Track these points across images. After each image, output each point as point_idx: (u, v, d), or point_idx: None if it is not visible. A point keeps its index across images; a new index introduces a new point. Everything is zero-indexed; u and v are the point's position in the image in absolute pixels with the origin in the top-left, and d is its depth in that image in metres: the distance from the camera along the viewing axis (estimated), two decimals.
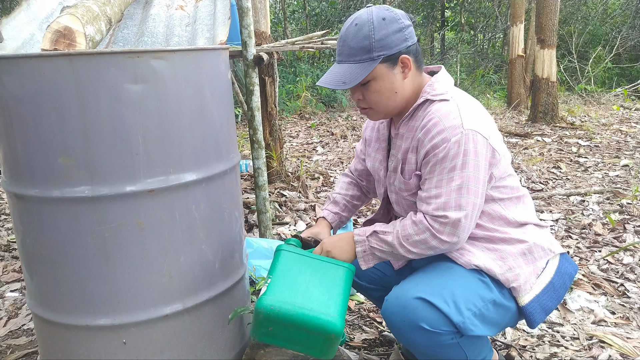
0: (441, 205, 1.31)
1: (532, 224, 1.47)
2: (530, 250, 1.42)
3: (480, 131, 1.32)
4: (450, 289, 1.33)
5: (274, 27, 10.32)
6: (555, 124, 6.50)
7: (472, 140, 1.30)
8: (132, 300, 1.42)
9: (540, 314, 1.41)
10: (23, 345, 2.06)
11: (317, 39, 2.91)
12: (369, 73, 1.33)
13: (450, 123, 1.31)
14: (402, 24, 1.34)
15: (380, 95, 1.38)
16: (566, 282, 1.47)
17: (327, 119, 7.37)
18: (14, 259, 2.87)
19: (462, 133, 1.30)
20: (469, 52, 11.85)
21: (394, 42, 1.33)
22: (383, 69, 1.35)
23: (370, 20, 1.32)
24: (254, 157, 2.59)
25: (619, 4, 12.00)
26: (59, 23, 1.59)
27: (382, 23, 1.32)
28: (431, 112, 1.36)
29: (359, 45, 1.32)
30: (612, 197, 3.65)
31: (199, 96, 1.43)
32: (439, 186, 1.32)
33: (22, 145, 1.33)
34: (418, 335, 1.31)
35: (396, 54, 1.34)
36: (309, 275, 1.40)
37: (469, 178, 1.30)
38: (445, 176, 1.31)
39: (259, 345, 1.71)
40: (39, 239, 1.41)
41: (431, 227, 1.32)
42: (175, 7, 2.56)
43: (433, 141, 1.32)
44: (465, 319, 1.31)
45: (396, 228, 1.38)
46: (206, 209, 1.49)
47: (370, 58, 1.33)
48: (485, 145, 1.32)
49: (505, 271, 1.38)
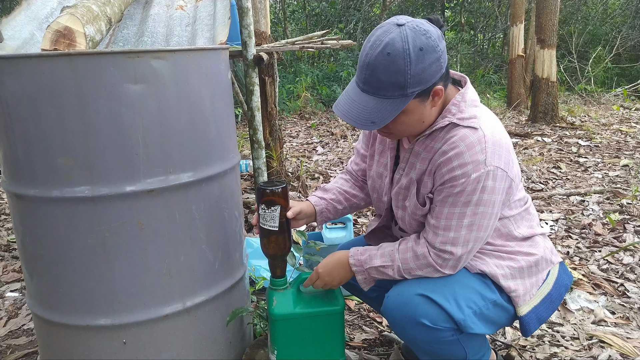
0: (449, 239, 1.29)
1: (538, 234, 1.46)
2: (536, 263, 1.43)
3: (501, 166, 1.25)
4: (451, 287, 1.34)
5: (274, 27, 10.32)
6: (555, 124, 6.50)
7: (492, 177, 1.24)
8: (132, 300, 1.42)
9: (535, 324, 1.42)
10: (23, 345, 2.06)
11: (317, 39, 2.91)
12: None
13: (473, 157, 1.22)
14: (439, 51, 1.17)
15: (406, 126, 1.27)
16: (562, 293, 1.49)
17: (327, 119, 7.37)
18: (14, 259, 2.87)
19: (484, 170, 1.23)
20: (469, 52, 11.84)
21: (430, 75, 1.17)
22: (415, 104, 1.21)
23: (407, 52, 1.13)
24: (254, 157, 2.59)
25: (619, 4, 11.99)
26: (59, 23, 1.59)
27: (419, 55, 1.14)
28: (455, 139, 1.25)
29: (392, 80, 1.15)
30: (612, 197, 3.65)
31: (199, 96, 1.43)
32: (449, 218, 1.28)
33: (22, 145, 1.33)
34: (419, 331, 1.32)
35: (431, 86, 1.20)
36: (308, 334, 1.51)
37: (483, 215, 1.27)
38: (458, 210, 1.27)
39: (259, 345, 1.71)
40: (39, 239, 1.41)
41: (435, 262, 1.32)
42: (175, 7, 2.56)
43: (453, 173, 1.24)
44: (466, 316, 1.31)
45: (396, 263, 1.36)
46: (206, 208, 1.49)
47: (403, 95, 1.17)
48: (504, 179, 1.27)
49: (509, 279, 1.38)
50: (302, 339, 1.51)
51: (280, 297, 1.52)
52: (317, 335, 1.51)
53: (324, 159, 5.10)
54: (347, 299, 2.29)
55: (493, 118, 1.35)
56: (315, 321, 1.50)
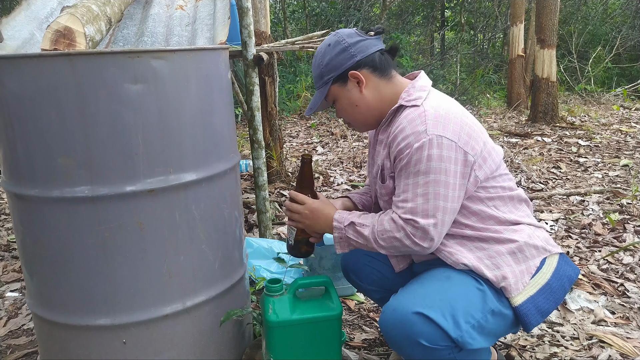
0: (409, 209, 1.32)
1: (526, 223, 1.45)
2: (520, 249, 1.39)
3: (446, 135, 1.31)
4: (448, 301, 1.31)
5: (274, 27, 10.32)
6: (555, 124, 6.50)
7: (437, 145, 1.29)
8: (132, 300, 1.42)
9: (536, 316, 1.38)
10: (23, 345, 2.06)
11: (317, 39, 2.91)
12: (327, 95, 1.46)
13: (414, 129, 1.32)
14: (345, 44, 1.42)
15: (345, 112, 1.49)
16: (565, 284, 1.44)
17: (327, 119, 7.37)
18: (14, 259, 2.87)
19: (426, 138, 1.30)
20: (469, 52, 11.84)
21: (339, 62, 1.42)
22: (336, 89, 1.45)
23: (320, 50, 1.46)
24: (254, 157, 2.59)
25: (619, 4, 11.99)
26: (59, 23, 1.59)
27: (327, 49, 1.44)
28: (400, 118, 1.38)
29: (316, 73, 1.47)
30: (612, 197, 3.65)
31: (198, 96, 1.43)
32: (406, 191, 1.34)
33: (22, 145, 1.33)
34: (415, 350, 1.29)
35: (344, 72, 1.42)
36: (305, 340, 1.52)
37: (436, 183, 1.30)
38: (411, 181, 1.33)
39: (259, 345, 1.71)
40: (39, 239, 1.41)
41: (404, 228, 1.33)
42: (175, 7, 2.56)
43: (398, 147, 1.34)
44: (464, 332, 1.28)
45: (373, 222, 1.40)
46: (206, 209, 1.49)
47: (324, 82, 1.45)
48: (453, 149, 1.31)
49: (494, 269, 1.36)
50: (298, 345, 1.49)
51: (276, 304, 1.51)
52: (314, 341, 1.50)
53: (324, 159, 5.10)
54: (347, 299, 2.30)
55: (443, 98, 1.44)
56: (312, 327, 1.49)
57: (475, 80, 9.95)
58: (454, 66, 10.60)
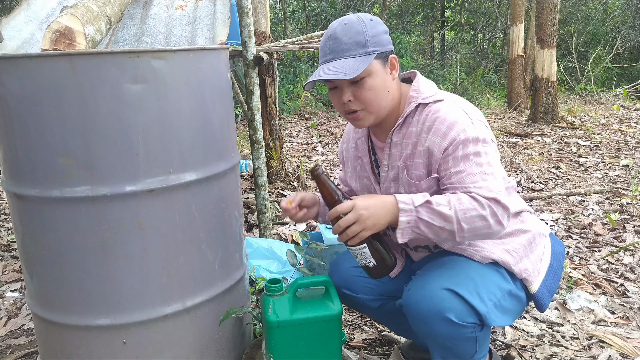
0: (486, 187, 1.26)
1: (525, 210, 1.51)
2: (533, 238, 1.47)
3: (482, 119, 1.36)
4: (472, 280, 1.34)
5: (274, 27, 10.32)
6: (555, 124, 6.50)
7: (482, 128, 1.33)
8: (132, 300, 1.42)
9: (548, 297, 1.46)
10: (23, 345, 2.06)
11: (317, 39, 2.91)
12: (366, 68, 1.28)
13: (457, 117, 1.31)
14: (385, 27, 1.37)
15: (375, 93, 1.33)
16: (560, 261, 1.53)
17: (327, 119, 7.37)
18: (14, 259, 2.87)
19: (472, 123, 1.31)
20: (469, 52, 11.84)
21: (384, 40, 1.34)
22: (378, 65, 1.33)
23: (360, 19, 1.32)
24: (254, 157, 2.59)
25: (619, 4, 11.99)
26: (59, 23, 1.59)
27: (370, 23, 1.33)
28: (431, 113, 1.35)
29: (353, 40, 1.30)
30: (612, 197, 3.65)
31: (199, 96, 1.43)
32: (471, 173, 1.28)
33: (22, 145, 1.33)
34: (442, 326, 1.30)
35: (386, 52, 1.35)
36: (305, 340, 1.50)
37: (494, 162, 1.31)
38: (473, 163, 1.28)
39: (259, 345, 1.71)
40: (39, 239, 1.41)
41: (490, 205, 1.24)
42: (175, 7, 2.56)
43: (448, 136, 1.30)
44: (489, 308, 1.32)
45: (451, 202, 1.24)
46: (206, 208, 1.49)
47: (366, 52, 1.30)
48: (489, 132, 1.36)
49: (518, 262, 1.41)
50: (298, 345, 1.49)
51: (276, 304, 1.50)
52: (314, 341, 1.50)
53: (324, 159, 5.10)
54: None
55: (457, 96, 1.44)
56: (312, 327, 1.49)
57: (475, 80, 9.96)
58: (454, 66, 10.60)
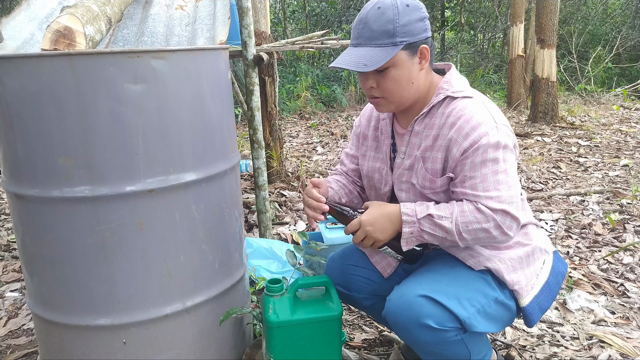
0: (496, 198, 1.27)
1: (532, 224, 1.49)
2: (532, 252, 1.44)
3: (506, 124, 1.34)
4: (453, 286, 1.34)
5: (274, 27, 10.32)
6: (555, 123, 6.50)
7: (506, 134, 1.31)
8: (132, 300, 1.42)
9: (538, 313, 1.43)
10: (23, 345, 2.06)
11: (317, 39, 2.91)
12: (390, 59, 1.28)
13: (482, 118, 1.29)
14: (423, 13, 1.32)
15: (397, 84, 1.33)
16: (559, 280, 1.50)
17: (327, 119, 7.37)
18: (14, 259, 2.87)
19: (497, 127, 1.29)
20: (469, 52, 11.84)
21: (416, 29, 1.30)
22: (404, 56, 1.30)
23: (395, 5, 1.28)
24: (254, 157, 2.59)
25: (619, 4, 11.99)
26: (59, 23, 1.59)
27: (406, 9, 1.28)
28: (457, 109, 1.33)
29: (382, 28, 1.27)
30: (612, 197, 3.65)
31: (199, 96, 1.43)
32: (485, 179, 1.28)
33: (22, 145, 1.33)
34: (423, 333, 1.31)
35: (417, 42, 1.31)
36: (305, 340, 1.50)
37: (511, 171, 1.30)
38: (489, 170, 1.28)
39: (259, 345, 1.71)
40: (39, 239, 1.41)
41: (494, 218, 1.27)
42: (175, 7, 2.56)
43: (470, 137, 1.28)
44: (470, 314, 1.31)
45: (453, 213, 1.29)
46: (206, 209, 1.49)
47: (393, 43, 1.28)
48: (512, 138, 1.34)
49: (511, 272, 1.39)
50: (299, 345, 1.49)
51: (276, 304, 1.50)
52: (314, 341, 1.50)
53: (324, 159, 5.10)
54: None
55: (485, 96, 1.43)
56: (313, 327, 1.49)
57: (475, 80, 9.95)
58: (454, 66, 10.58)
